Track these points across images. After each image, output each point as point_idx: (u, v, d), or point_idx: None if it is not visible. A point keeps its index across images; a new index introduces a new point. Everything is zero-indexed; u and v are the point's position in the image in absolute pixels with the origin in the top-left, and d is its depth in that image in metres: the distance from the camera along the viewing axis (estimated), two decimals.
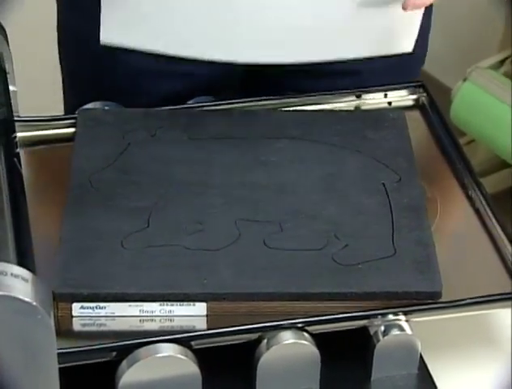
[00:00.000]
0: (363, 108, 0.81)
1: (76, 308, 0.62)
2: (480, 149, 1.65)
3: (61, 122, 0.77)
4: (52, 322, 0.53)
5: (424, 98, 0.81)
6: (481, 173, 1.63)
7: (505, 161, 1.64)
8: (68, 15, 0.87)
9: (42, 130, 0.77)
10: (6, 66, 0.77)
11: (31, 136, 0.77)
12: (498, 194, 1.66)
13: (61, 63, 0.90)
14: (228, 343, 0.62)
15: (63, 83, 0.92)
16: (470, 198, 0.72)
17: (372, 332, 0.63)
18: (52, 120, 0.77)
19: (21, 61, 0.94)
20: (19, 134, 0.76)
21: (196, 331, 0.62)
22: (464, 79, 1.55)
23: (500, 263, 0.67)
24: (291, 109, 0.80)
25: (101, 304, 0.62)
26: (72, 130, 0.77)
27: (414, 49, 0.83)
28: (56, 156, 0.75)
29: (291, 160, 0.73)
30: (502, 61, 1.64)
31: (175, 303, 0.63)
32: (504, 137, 1.54)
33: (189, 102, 0.81)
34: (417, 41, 0.83)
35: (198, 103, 0.81)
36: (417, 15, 0.80)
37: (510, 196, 1.70)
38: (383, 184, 0.71)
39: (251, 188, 0.70)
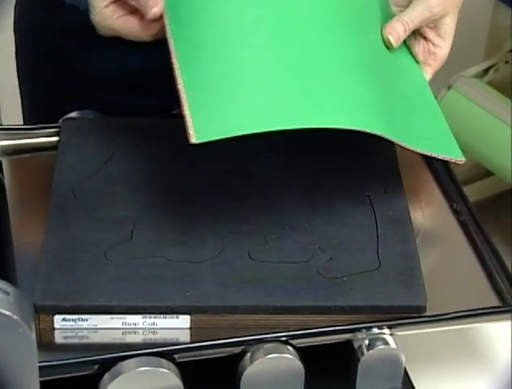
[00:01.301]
0: None
1: (58, 320, 0.62)
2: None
3: (44, 131, 0.77)
4: (33, 335, 0.52)
5: None
6: (465, 181, 1.64)
7: (488, 170, 1.64)
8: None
9: (25, 138, 0.76)
10: None
11: (13, 145, 0.76)
12: (482, 202, 1.67)
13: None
14: (212, 356, 0.61)
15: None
16: (455, 211, 0.72)
17: (356, 346, 0.63)
18: (35, 129, 0.77)
19: (4, 69, 0.94)
20: (0, 143, 0.75)
21: (179, 344, 0.62)
22: (448, 88, 1.55)
23: (485, 277, 0.67)
24: None
25: (83, 316, 0.62)
26: (55, 138, 0.76)
27: None
28: (39, 165, 0.75)
29: (276, 170, 0.73)
30: (486, 70, 1.65)
31: (158, 315, 0.62)
32: (487, 146, 1.55)
33: (173, 112, 0.81)
34: None
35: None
36: None
37: (494, 204, 1.71)
38: (368, 196, 0.71)
39: (236, 199, 0.70)
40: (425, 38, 0.74)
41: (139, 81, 0.85)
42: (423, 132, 0.71)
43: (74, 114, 0.79)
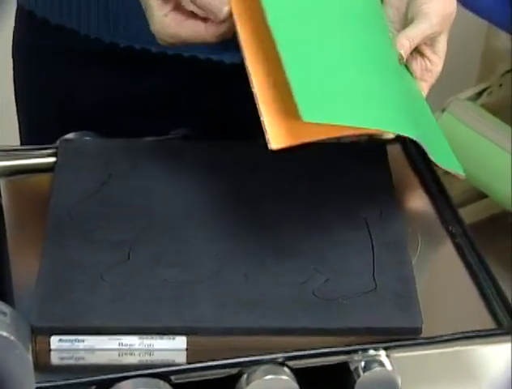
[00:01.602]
0: (344, 140, 0.81)
1: (54, 341, 0.62)
2: (458, 180, 1.66)
3: (41, 152, 0.77)
4: (30, 357, 0.52)
5: None
6: (460, 204, 1.64)
7: (482, 192, 1.65)
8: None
9: (22, 159, 0.77)
10: None
11: (10, 166, 0.76)
12: (477, 224, 1.67)
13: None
14: (208, 377, 0.61)
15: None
16: (450, 233, 0.73)
17: (352, 368, 0.63)
18: (32, 149, 0.77)
19: (1, 87, 0.94)
20: None
21: (175, 365, 0.62)
22: (443, 110, 1.56)
23: (480, 299, 0.67)
24: None
25: (80, 337, 0.62)
26: (53, 159, 0.76)
27: None
28: (36, 186, 0.75)
29: (272, 192, 0.73)
30: (480, 93, 1.65)
31: (155, 336, 0.62)
32: (481, 169, 1.55)
33: (170, 133, 0.81)
34: None
35: (179, 134, 0.81)
36: None
37: (489, 226, 1.71)
38: (364, 218, 0.71)
39: (232, 221, 0.70)
40: (422, 55, 0.75)
41: (138, 105, 0.85)
42: (430, 144, 0.72)
43: (71, 135, 0.79)
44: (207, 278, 0.65)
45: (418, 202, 0.77)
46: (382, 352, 0.63)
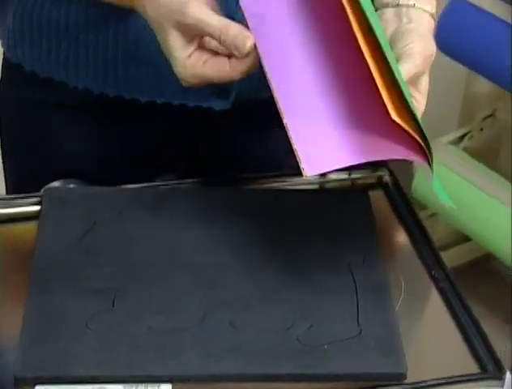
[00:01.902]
0: (327, 186, 0.82)
1: None
2: (441, 223, 1.67)
3: (26, 200, 0.77)
4: None
5: (387, 177, 0.82)
6: (442, 247, 1.65)
7: (466, 235, 1.66)
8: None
9: (7, 208, 0.77)
10: None
11: None
12: (460, 267, 1.68)
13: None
14: None
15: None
16: (433, 278, 0.73)
17: None
18: (17, 198, 0.77)
19: None
20: None
21: None
22: None
23: (464, 344, 0.67)
24: (255, 187, 0.81)
25: (64, 386, 0.62)
26: (37, 207, 0.76)
27: None
28: (21, 234, 0.75)
29: (256, 239, 0.74)
30: (462, 137, 1.67)
31: (140, 384, 0.62)
32: (463, 211, 1.57)
33: (156, 180, 0.81)
34: None
35: (163, 181, 0.81)
36: None
37: (472, 269, 1.72)
38: (348, 264, 0.72)
39: (217, 268, 0.71)
40: None
41: (127, 153, 0.85)
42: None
43: (56, 184, 0.79)
44: (192, 325, 0.65)
45: (401, 246, 0.77)
46: None
